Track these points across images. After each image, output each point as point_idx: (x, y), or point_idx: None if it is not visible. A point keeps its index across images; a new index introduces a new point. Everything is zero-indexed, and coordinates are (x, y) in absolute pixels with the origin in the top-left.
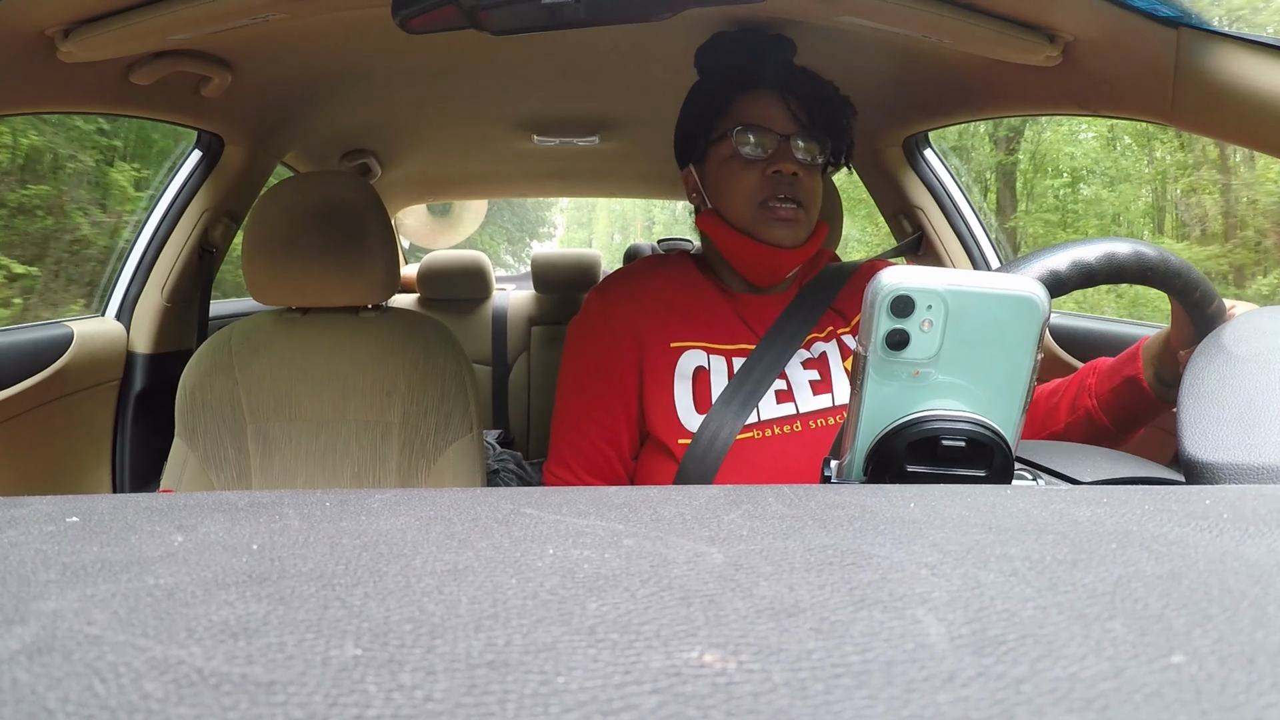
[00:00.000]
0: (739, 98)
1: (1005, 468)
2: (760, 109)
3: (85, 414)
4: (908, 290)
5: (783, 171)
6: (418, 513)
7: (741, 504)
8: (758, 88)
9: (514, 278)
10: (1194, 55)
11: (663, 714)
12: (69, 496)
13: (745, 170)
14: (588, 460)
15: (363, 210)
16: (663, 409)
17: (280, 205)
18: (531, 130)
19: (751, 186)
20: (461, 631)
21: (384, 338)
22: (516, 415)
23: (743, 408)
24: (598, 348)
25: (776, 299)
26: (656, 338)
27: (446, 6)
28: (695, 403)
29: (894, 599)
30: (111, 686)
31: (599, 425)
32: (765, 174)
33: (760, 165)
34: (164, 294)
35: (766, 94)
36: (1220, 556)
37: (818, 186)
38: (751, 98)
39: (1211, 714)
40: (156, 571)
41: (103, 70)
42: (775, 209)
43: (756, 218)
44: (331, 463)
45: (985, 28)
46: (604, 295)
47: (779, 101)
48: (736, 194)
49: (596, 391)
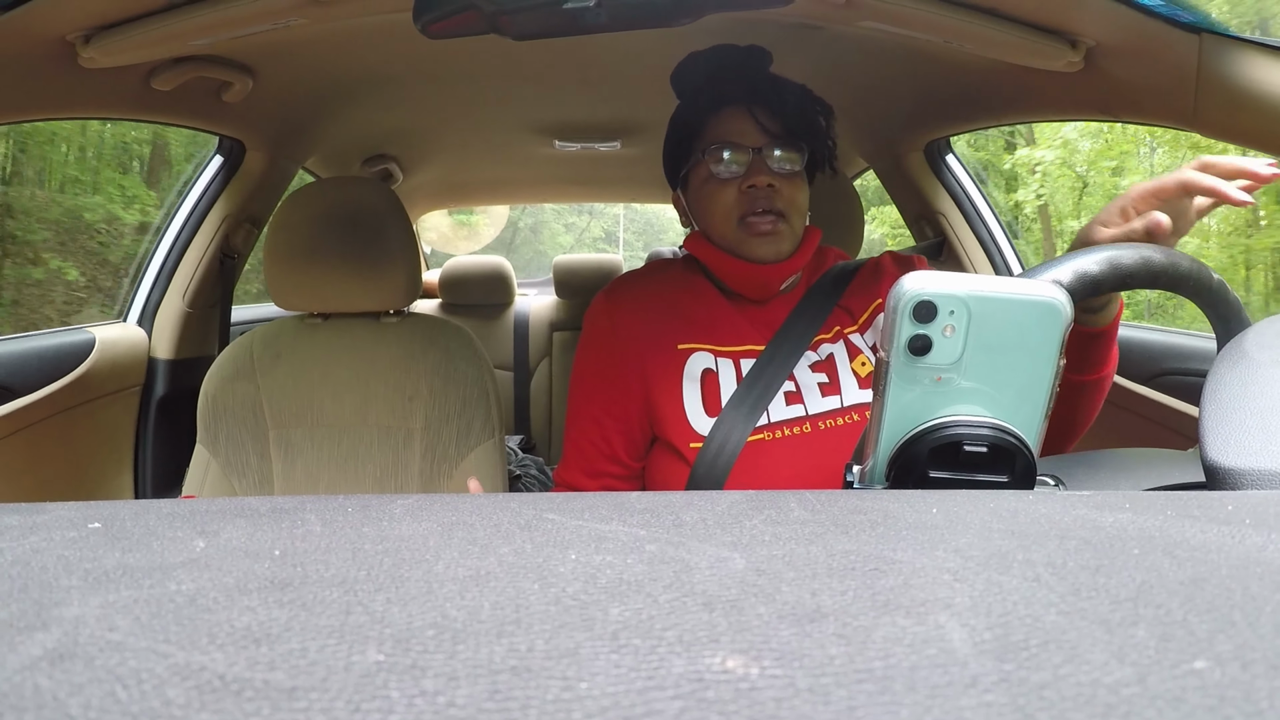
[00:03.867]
0: (711, 117)
1: (1027, 473)
2: (730, 126)
3: (107, 420)
4: (930, 296)
5: (757, 185)
6: (440, 518)
7: (763, 509)
8: (727, 104)
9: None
10: (1216, 61)
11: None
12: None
13: (722, 189)
14: (589, 463)
15: (384, 216)
16: (672, 411)
17: (302, 211)
18: (553, 135)
19: (729, 204)
20: (484, 637)
21: (406, 343)
22: (538, 420)
23: (753, 410)
24: (602, 351)
25: (783, 301)
26: (663, 340)
27: (468, 12)
28: (705, 405)
29: (916, 604)
30: (134, 693)
31: (602, 428)
32: (741, 190)
33: (735, 182)
34: (186, 300)
35: (735, 110)
36: (1243, 562)
37: (799, 194)
38: (722, 116)
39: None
40: (178, 577)
41: (124, 76)
42: (754, 224)
43: (737, 235)
44: (353, 468)
45: (1007, 33)
46: (610, 298)
47: (748, 115)
48: (716, 213)
49: (601, 395)
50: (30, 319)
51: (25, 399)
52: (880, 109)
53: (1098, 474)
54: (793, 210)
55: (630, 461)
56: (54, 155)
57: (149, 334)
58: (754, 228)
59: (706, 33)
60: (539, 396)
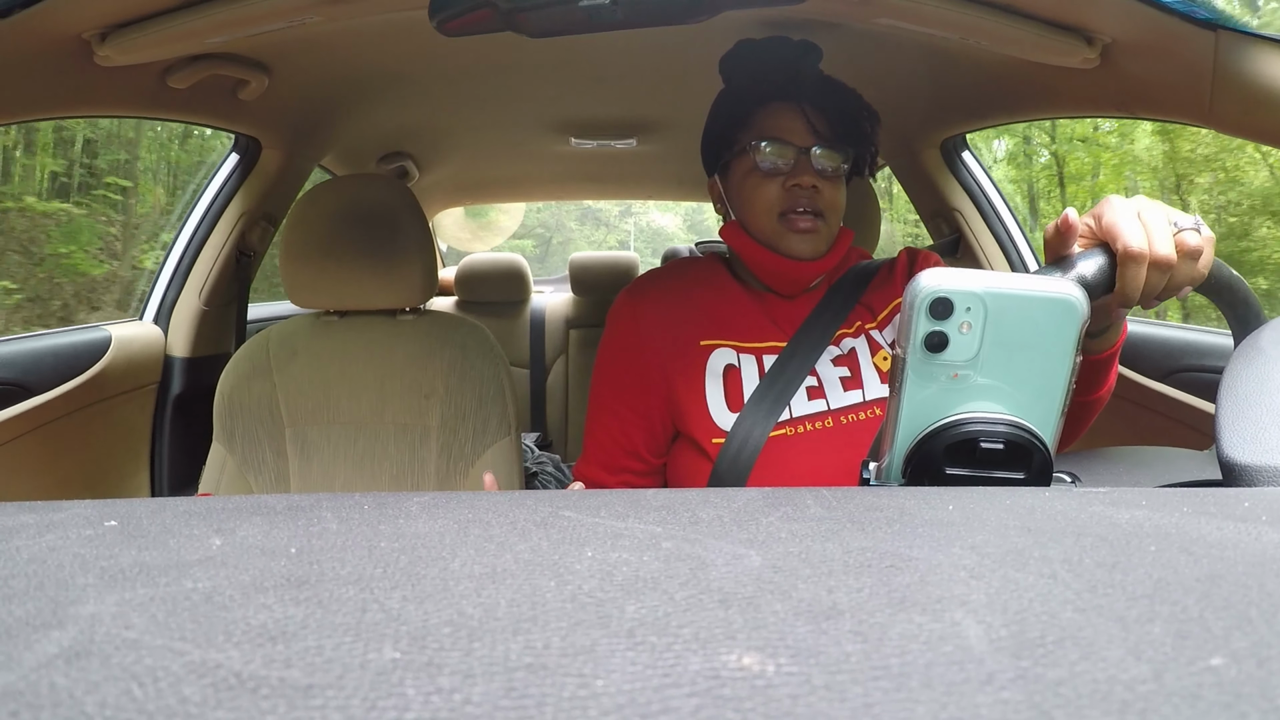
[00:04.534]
0: (759, 110)
1: (1044, 470)
2: (779, 122)
3: (123, 418)
4: (947, 292)
5: (801, 185)
6: (456, 515)
7: (780, 506)
8: (777, 99)
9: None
10: (1232, 57)
11: (702, 717)
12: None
13: (765, 183)
14: (610, 459)
15: (400, 213)
16: (695, 407)
17: (318, 208)
18: (569, 133)
19: (771, 199)
20: (500, 634)
21: (422, 340)
22: (554, 418)
23: (775, 405)
24: (625, 348)
25: (806, 297)
26: (686, 336)
27: (483, 9)
28: (727, 401)
29: (933, 601)
30: (150, 690)
31: (624, 423)
32: (785, 187)
33: (780, 178)
34: (202, 297)
35: (786, 106)
36: (1260, 559)
37: (839, 196)
38: (771, 110)
39: (1251, 717)
40: (195, 575)
41: (140, 74)
42: (794, 221)
43: (776, 230)
44: (370, 466)
45: (1023, 30)
46: (633, 296)
47: (798, 114)
48: (757, 207)
49: (625, 391)
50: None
51: (42, 397)
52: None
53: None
54: (831, 211)
55: (650, 458)
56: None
57: (165, 332)
58: (794, 224)
59: (722, 30)
60: (555, 394)
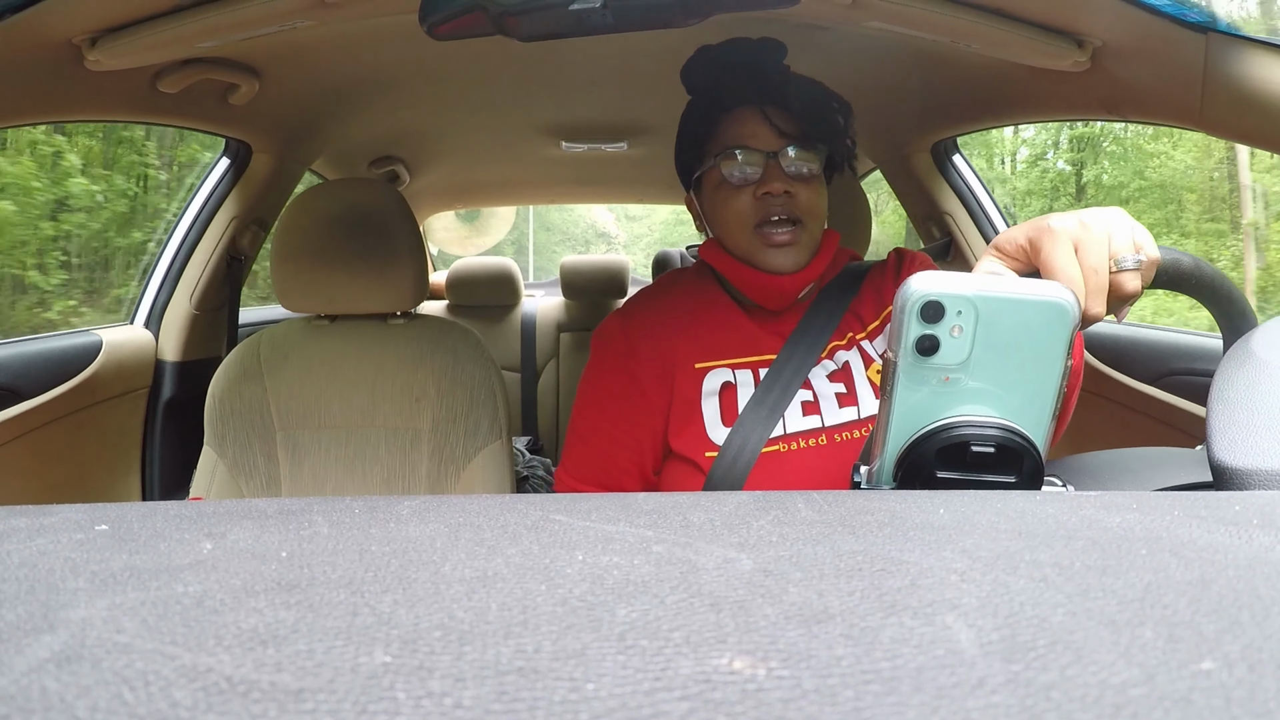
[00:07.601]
0: (724, 118)
1: (1035, 474)
2: (743, 128)
3: (114, 422)
4: (938, 296)
5: (772, 193)
6: (447, 519)
7: (770, 510)
8: (740, 104)
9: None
10: (1223, 60)
11: None
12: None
13: (736, 195)
14: (604, 474)
15: (391, 217)
16: (691, 427)
17: (309, 213)
18: (559, 136)
19: (744, 211)
20: (491, 638)
21: (413, 344)
22: (545, 422)
23: (770, 417)
24: (619, 374)
25: (797, 305)
26: (682, 362)
27: (474, 13)
28: (723, 416)
29: (923, 605)
30: (140, 695)
31: (619, 445)
32: (756, 196)
33: (750, 188)
34: (193, 302)
35: (747, 110)
36: (1250, 562)
37: (817, 198)
38: (734, 117)
39: None
40: (185, 579)
41: (130, 78)
42: (770, 235)
43: (753, 244)
44: (361, 470)
45: (1013, 33)
46: (626, 321)
47: (760, 116)
48: (730, 221)
49: (617, 413)
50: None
51: (32, 401)
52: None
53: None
54: (810, 216)
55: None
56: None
57: (156, 336)
58: (770, 238)
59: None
60: (546, 398)
